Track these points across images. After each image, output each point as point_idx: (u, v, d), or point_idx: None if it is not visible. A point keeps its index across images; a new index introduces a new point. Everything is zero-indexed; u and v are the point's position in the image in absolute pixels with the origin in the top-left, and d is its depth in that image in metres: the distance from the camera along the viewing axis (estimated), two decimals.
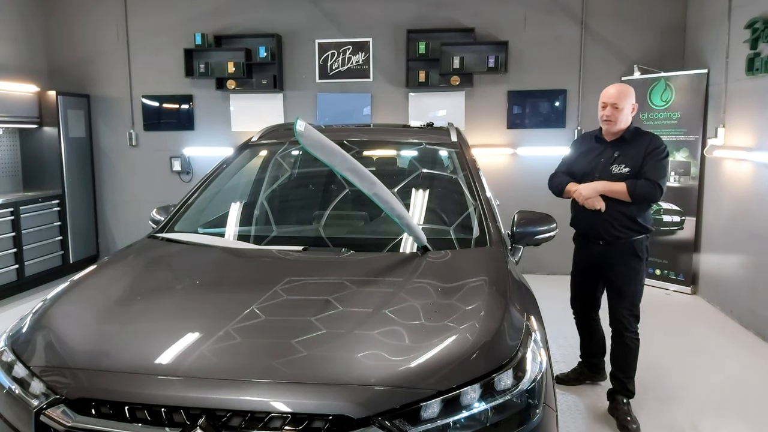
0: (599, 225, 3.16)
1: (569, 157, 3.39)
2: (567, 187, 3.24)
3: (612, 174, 3.12)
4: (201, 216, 3.01)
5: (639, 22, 5.94)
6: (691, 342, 4.41)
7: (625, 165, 3.10)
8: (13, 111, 5.84)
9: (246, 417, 1.56)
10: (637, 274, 3.18)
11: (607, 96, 3.15)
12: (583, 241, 3.36)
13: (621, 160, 3.12)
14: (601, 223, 3.15)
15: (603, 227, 3.16)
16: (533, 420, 1.72)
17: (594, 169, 3.19)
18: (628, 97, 3.13)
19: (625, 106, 3.12)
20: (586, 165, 3.24)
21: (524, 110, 6.21)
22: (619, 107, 3.11)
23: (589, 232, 3.26)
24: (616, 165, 3.13)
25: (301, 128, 2.16)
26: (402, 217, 2.34)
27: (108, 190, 6.84)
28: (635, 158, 3.09)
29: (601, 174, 3.16)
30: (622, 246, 3.16)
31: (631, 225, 3.13)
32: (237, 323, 1.87)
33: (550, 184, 3.36)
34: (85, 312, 2.05)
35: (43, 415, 1.65)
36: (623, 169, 3.11)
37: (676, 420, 3.24)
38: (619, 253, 3.17)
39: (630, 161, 3.10)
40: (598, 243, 3.22)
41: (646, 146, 3.10)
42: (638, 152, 3.10)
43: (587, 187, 3.14)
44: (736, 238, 4.89)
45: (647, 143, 3.11)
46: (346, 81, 6.37)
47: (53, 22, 6.65)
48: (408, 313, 1.95)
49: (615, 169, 3.12)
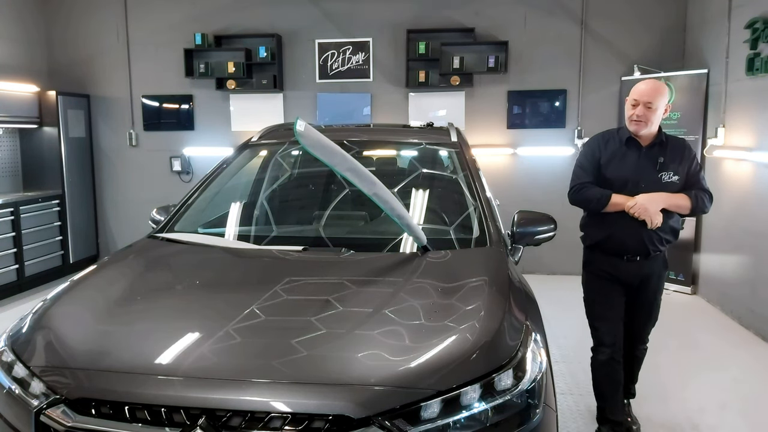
0: (646, 239, 2.79)
1: (592, 162, 2.88)
2: (615, 200, 2.76)
3: (663, 183, 2.77)
4: (201, 216, 3.01)
5: (639, 22, 5.94)
6: (691, 342, 4.41)
7: (673, 173, 2.78)
8: (13, 111, 5.84)
9: (246, 417, 1.56)
10: (663, 286, 3.01)
11: (639, 93, 2.75)
12: (612, 259, 2.88)
13: (668, 168, 2.79)
14: (648, 237, 2.79)
15: (650, 241, 2.80)
16: (533, 420, 1.72)
17: (639, 178, 2.78)
18: (664, 96, 2.75)
19: (659, 106, 2.74)
20: (628, 172, 2.80)
21: (524, 110, 6.21)
22: (653, 107, 2.72)
23: (629, 248, 2.84)
24: (664, 173, 2.78)
25: (301, 128, 2.16)
26: (402, 217, 2.34)
27: (108, 190, 6.84)
28: (681, 165, 2.79)
29: (648, 183, 2.77)
30: (657, 259, 2.89)
31: (671, 237, 2.86)
32: (237, 323, 1.87)
33: (581, 197, 2.85)
34: (85, 312, 2.05)
35: (43, 415, 1.65)
36: (672, 178, 2.77)
37: (676, 420, 3.24)
38: (655, 267, 2.90)
39: (676, 168, 2.79)
40: (635, 259, 2.85)
41: (686, 152, 2.82)
42: (680, 158, 2.80)
43: (651, 201, 2.72)
44: (736, 238, 4.89)
45: (684, 148, 2.83)
46: (346, 81, 6.37)
47: (53, 22, 6.65)
48: (408, 313, 1.95)
49: (665, 178, 2.78)
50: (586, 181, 2.84)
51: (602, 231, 2.87)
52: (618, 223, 2.78)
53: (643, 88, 2.75)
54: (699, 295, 5.55)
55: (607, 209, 2.79)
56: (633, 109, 2.76)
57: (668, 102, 2.80)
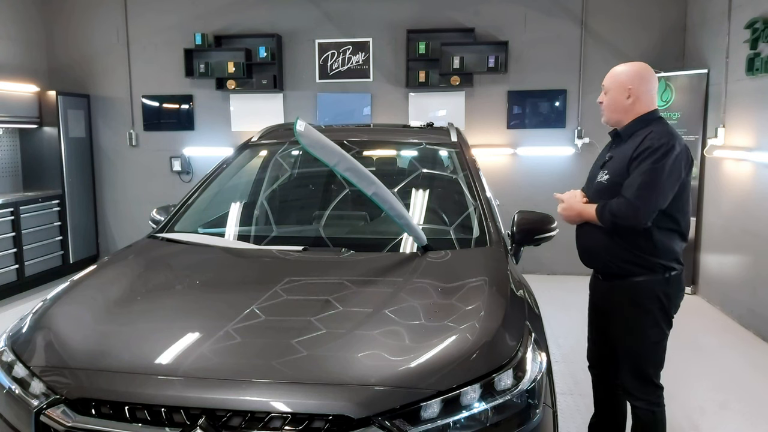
0: (593, 251, 2.43)
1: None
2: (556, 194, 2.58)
3: (596, 183, 2.43)
4: (201, 216, 3.01)
5: (639, 22, 5.94)
6: (691, 342, 4.41)
7: (607, 171, 2.38)
8: (13, 111, 5.84)
9: (246, 417, 1.56)
10: (640, 329, 2.35)
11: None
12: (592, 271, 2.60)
13: (608, 165, 2.40)
14: (593, 248, 2.41)
15: (596, 255, 2.42)
16: (533, 420, 1.72)
17: (592, 177, 2.53)
18: (618, 77, 2.38)
19: (611, 88, 2.39)
20: (591, 171, 2.59)
21: (524, 110, 6.21)
22: (605, 89, 2.43)
23: (585, 258, 2.53)
24: (602, 172, 2.41)
25: (301, 128, 2.16)
26: (402, 217, 2.34)
27: (108, 190, 6.84)
28: (619, 162, 2.33)
29: (590, 184, 2.50)
30: (620, 287, 2.36)
31: (632, 258, 2.30)
32: (237, 323, 1.87)
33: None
34: (85, 312, 2.05)
35: (43, 415, 1.65)
36: (603, 178, 2.38)
37: (676, 420, 3.24)
38: (616, 298, 2.39)
39: (614, 167, 2.35)
40: (597, 276, 2.52)
41: (637, 145, 2.28)
42: (625, 154, 2.31)
43: (563, 206, 2.48)
44: (736, 238, 4.89)
45: (640, 141, 2.28)
46: (346, 81, 6.37)
47: (53, 22, 6.65)
48: (408, 313, 1.95)
49: (599, 177, 2.41)
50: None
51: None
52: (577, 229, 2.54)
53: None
54: (699, 295, 5.55)
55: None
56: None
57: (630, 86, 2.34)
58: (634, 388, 2.44)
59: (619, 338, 2.45)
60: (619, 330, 2.43)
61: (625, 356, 2.45)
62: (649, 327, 2.36)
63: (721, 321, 4.91)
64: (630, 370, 2.43)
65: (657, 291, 2.32)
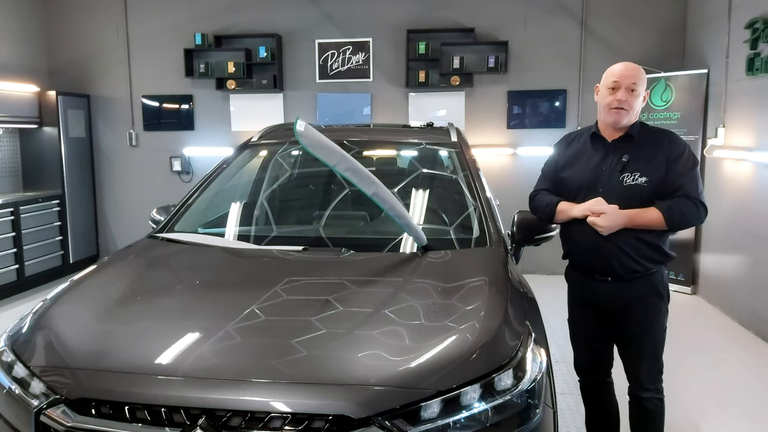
0: (610, 255, 2.32)
1: (553, 165, 2.54)
2: (560, 207, 2.42)
3: (624, 186, 2.30)
4: (201, 216, 3.01)
5: (639, 22, 5.95)
6: (691, 342, 4.41)
7: (640, 173, 2.28)
8: (13, 111, 5.84)
9: (246, 417, 1.56)
10: (659, 318, 2.40)
11: (620, 74, 2.29)
12: (583, 278, 2.49)
13: (634, 167, 2.30)
14: (612, 252, 2.32)
15: (616, 258, 2.32)
16: (533, 420, 1.72)
17: (597, 181, 2.35)
18: (645, 80, 2.33)
19: (642, 91, 2.32)
20: (584, 175, 2.39)
21: (524, 110, 6.21)
22: (636, 90, 2.28)
23: (594, 266, 2.41)
24: (627, 174, 2.30)
25: (301, 128, 2.16)
26: (402, 217, 2.34)
27: (108, 190, 6.84)
28: (653, 163, 2.28)
29: (606, 187, 2.32)
30: (640, 282, 2.36)
31: (652, 254, 2.33)
32: (237, 323, 1.87)
33: (532, 206, 2.58)
34: (85, 312, 2.05)
35: (43, 415, 1.65)
36: (638, 180, 2.28)
37: (676, 420, 3.24)
38: (637, 293, 2.37)
39: (646, 168, 2.28)
40: (606, 280, 2.40)
41: (666, 147, 2.28)
42: (656, 155, 2.28)
43: (609, 217, 2.27)
44: (736, 239, 4.89)
45: (666, 143, 2.29)
46: (346, 81, 6.37)
47: (53, 22, 6.65)
48: (408, 313, 1.95)
49: (627, 180, 2.30)
50: (542, 188, 2.56)
51: (567, 244, 2.52)
52: (579, 234, 2.39)
53: (622, 69, 2.30)
54: (699, 295, 5.55)
55: (557, 219, 2.47)
56: (612, 93, 2.30)
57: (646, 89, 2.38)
58: (650, 380, 2.46)
59: (639, 333, 2.43)
60: (639, 325, 2.42)
61: (644, 349, 2.44)
62: (663, 314, 2.44)
63: (721, 321, 4.91)
64: (649, 362, 2.45)
65: (665, 279, 2.43)
